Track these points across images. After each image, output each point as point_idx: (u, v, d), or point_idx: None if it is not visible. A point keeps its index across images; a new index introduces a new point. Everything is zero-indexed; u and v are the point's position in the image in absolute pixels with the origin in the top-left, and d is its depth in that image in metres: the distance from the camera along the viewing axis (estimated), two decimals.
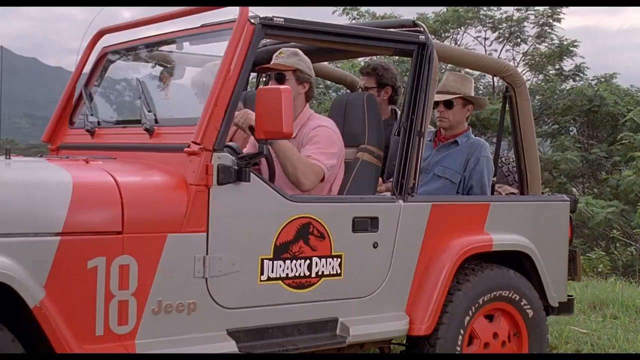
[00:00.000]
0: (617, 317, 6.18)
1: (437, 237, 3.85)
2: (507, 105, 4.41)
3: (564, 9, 15.50)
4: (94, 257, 2.93)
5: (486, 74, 15.87)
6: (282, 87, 3.22)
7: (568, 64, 16.17)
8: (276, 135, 3.21)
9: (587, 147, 15.74)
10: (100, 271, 2.93)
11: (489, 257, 4.04)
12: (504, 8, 15.61)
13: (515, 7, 15.58)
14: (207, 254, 3.19)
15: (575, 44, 15.64)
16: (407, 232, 3.76)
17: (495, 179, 4.43)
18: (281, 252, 3.40)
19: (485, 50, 15.95)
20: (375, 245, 3.66)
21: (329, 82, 12.68)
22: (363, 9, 15.71)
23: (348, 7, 15.62)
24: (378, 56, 5.17)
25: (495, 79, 15.40)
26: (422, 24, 3.87)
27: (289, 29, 3.46)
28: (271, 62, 3.82)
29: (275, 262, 3.38)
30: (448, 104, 4.42)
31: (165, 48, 4.00)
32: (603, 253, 10.53)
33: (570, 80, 16.39)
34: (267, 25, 3.39)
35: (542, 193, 4.41)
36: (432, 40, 3.86)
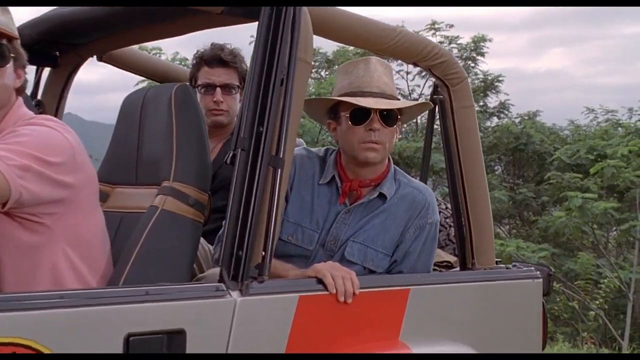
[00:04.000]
0: None
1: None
2: (437, 118, 2.51)
3: (487, 44, 13.98)
4: None
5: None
6: None
7: (492, 101, 14.70)
8: None
9: (513, 187, 14.29)
10: None
11: None
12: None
13: (439, 41, 13.98)
14: None
15: (500, 78, 14.14)
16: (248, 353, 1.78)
17: None
18: None
19: (408, 86, 14.27)
20: None
21: None
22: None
23: None
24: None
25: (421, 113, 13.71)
26: None
27: None
28: None
29: None
30: (389, 119, 2.26)
31: None
32: None
33: (495, 117, 14.93)
34: None
35: (497, 263, 2.48)
36: None
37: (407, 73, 13.97)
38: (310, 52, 1.99)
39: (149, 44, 12.38)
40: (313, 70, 13.23)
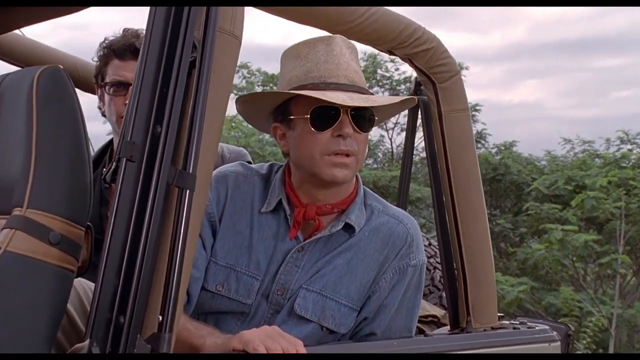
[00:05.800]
0: None
1: None
2: (415, 124, 1.88)
3: (464, 72, 13.53)
4: None
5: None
6: None
7: None
8: None
9: (491, 218, 13.86)
10: None
11: None
12: (402, 68, 13.53)
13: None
14: None
15: (478, 107, 13.71)
16: None
17: None
18: None
19: None
20: None
21: None
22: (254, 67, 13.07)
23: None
24: None
25: (395, 138, 13.18)
26: None
27: None
28: None
29: None
30: (363, 121, 1.63)
31: None
32: None
33: None
34: None
35: (500, 319, 1.84)
36: None
37: None
38: (240, 24, 1.36)
39: None
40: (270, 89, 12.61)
